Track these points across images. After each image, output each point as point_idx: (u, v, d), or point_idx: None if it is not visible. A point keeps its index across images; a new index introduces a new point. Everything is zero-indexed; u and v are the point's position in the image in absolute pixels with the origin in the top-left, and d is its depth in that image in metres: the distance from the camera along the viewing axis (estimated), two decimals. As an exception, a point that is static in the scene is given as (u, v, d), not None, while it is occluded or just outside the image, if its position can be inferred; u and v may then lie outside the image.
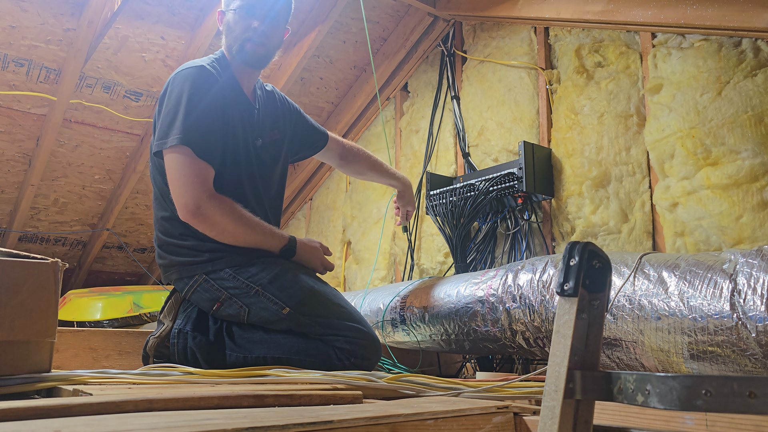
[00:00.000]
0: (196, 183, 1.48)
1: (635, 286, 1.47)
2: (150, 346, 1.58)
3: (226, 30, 1.66)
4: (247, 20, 1.63)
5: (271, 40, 1.66)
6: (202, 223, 1.51)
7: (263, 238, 1.58)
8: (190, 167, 1.49)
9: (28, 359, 0.97)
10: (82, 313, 2.95)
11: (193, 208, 1.48)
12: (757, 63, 1.80)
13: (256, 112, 1.71)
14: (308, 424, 0.61)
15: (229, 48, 1.67)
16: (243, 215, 1.55)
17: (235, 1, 1.64)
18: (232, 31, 1.65)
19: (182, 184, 1.49)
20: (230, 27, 1.65)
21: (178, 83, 1.55)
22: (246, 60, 1.66)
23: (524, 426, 0.81)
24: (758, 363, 1.24)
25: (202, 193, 1.49)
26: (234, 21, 1.64)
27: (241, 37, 1.63)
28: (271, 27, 1.65)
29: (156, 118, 1.59)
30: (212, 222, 1.50)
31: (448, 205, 2.46)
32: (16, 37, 2.54)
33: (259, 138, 1.70)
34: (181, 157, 1.49)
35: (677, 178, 1.92)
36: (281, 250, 1.62)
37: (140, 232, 3.76)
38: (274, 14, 1.65)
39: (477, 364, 2.46)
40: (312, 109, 3.36)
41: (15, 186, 3.22)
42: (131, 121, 3.06)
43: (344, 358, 1.51)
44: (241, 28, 1.63)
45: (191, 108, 1.52)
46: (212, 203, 1.49)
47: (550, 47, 2.49)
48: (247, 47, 1.63)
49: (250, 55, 1.64)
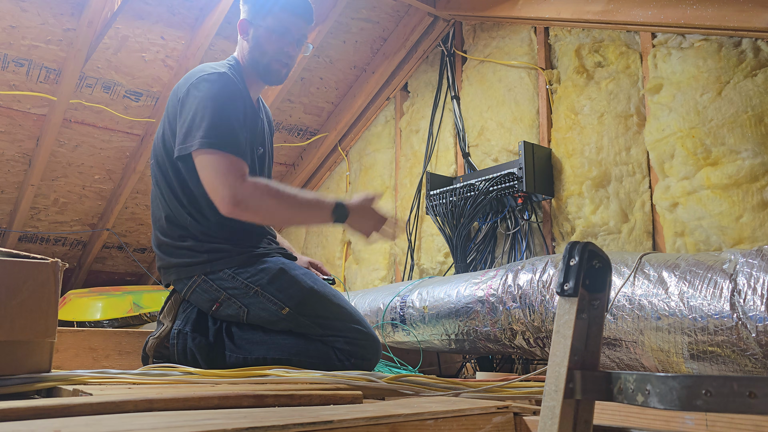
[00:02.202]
0: (230, 174, 1.47)
1: (635, 286, 1.47)
2: (149, 347, 1.58)
3: (254, 45, 1.64)
4: (281, 43, 1.63)
5: (294, 62, 1.70)
6: (245, 211, 1.47)
7: (310, 213, 1.54)
8: (223, 163, 1.48)
9: (28, 359, 0.97)
10: (82, 313, 2.95)
11: (230, 198, 1.46)
12: (757, 63, 1.80)
13: (260, 121, 1.72)
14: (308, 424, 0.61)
15: (253, 62, 1.66)
16: (282, 192, 1.51)
17: (266, 17, 1.63)
18: (262, 49, 1.64)
19: (216, 179, 1.47)
20: (260, 44, 1.64)
21: (204, 87, 1.53)
22: (269, 78, 1.68)
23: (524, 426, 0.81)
24: (758, 363, 1.24)
25: (235, 180, 1.47)
26: (266, 40, 1.63)
27: (273, 58, 1.64)
28: (299, 50, 1.68)
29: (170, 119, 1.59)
30: (254, 207, 1.48)
31: (448, 205, 2.46)
32: (16, 37, 2.54)
33: (260, 147, 1.71)
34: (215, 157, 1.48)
35: (677, 178, 1.92)
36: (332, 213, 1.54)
37: (140, 232, 3.76)
38: (303, 39, 1.67)
39: (477, 364, 2.46)
40: (312, 109, 3.36)
41: (15, 186, 3.22)
42: (131, 121, 3.06)
43: (344, 358, 1.51)
44: (274, 49, 1.63)
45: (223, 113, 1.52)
46: (246, 187, 1.47)
47: (550, 47, 2.49)
48: (274, 67, 1.65)
49: (275, 75, 1.67)
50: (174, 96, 1.60)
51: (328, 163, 3.63)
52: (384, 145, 3.30)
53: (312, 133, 3.51)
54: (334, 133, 3.42)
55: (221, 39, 2.77)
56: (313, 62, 3.08)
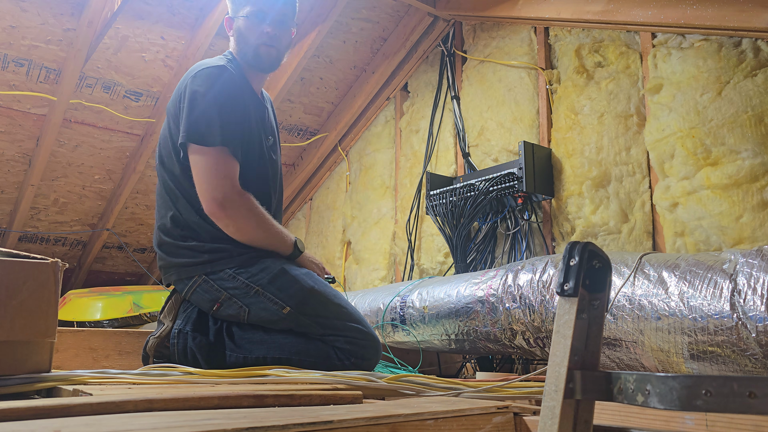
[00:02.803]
0: (227, 179, 1.54)
1: (635, 286, 1.47)
2: (150, 347, 1.58)
3: (238, 36, 1.68)
4: (260, 26, 1.65)
5: (281, 43, 1.70)
6: (226, 218, 1.54)
7: (276, 240, 1.62)
8: (222, 163, 1.54)
9: (28, 359, 0.97)
10: (82, 313, 2.95)
11: (221, 202, 1.52)
12: (757, 63, 1.80)
13: (266, 113, 1.74)
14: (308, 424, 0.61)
15: (242, 54, 1.68)
16: (263, 217, 1.59)
17: (244, 7, 1.66)
18: (244, 38, 1.66)
19: (213, 179, 1.52)
20: (242, 33, 1.66)
21: (202, 80, 1.57)
22: (260, 65, 1.69)
23: (524, 426, 0.81)
24: (758, 363, 1.24)
25: (232, 189, 1.54)
26: (246, 27, 1.66)
27: (255, 43, 1.66)
28: (282, 30, 1.69)
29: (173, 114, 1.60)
30: (235, 219, 1.54)
31: (448, 205, 2.46)
32: (16, 37, 2.54)
33: (270, 137, 1.73)
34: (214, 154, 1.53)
35: (677, 178, 1.92)
36: (289, 255, 1.65)
37: (140, 232, 3.76)
38: (283, 17, 1.68)
39: (477, 364, 2.46)
40: (312, 109, 3.36)
41: (15, 186, 3.22)
42: (131, 121, 3.06)
43: (344, 358, 1.51)
44: (254, 34, 1.65)
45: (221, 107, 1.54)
46: (239, 201, 1.54)
47: (550, 47, 2.49)
48: (261, 51, 1.66)
49: (265, 60, 1.68)
50: (176, 92, 1.63)
51: (328, 163, 3.63)
52: (384, 145, 3.30)
53: (312, 133, 3.51)
54: (334, 133, 3.42)
55: (221, 39, 2.77)
56: (313, 62, 3.08)
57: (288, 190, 3.70)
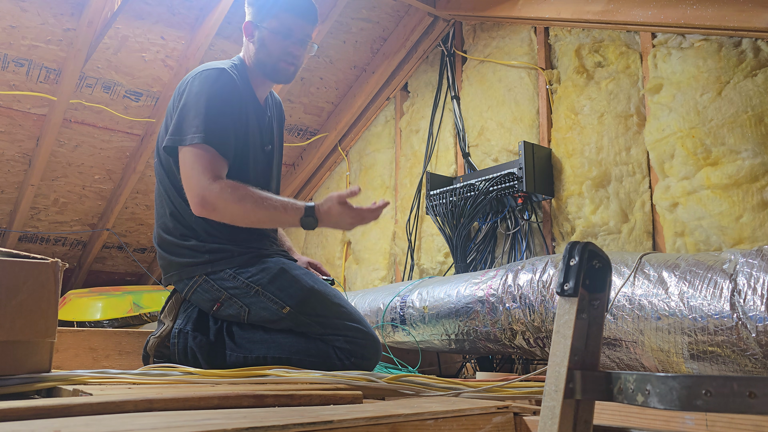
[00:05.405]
0: (204, 173, 1.49)
1: (635, 286, 1.47)
2: (150, 346, 1.58)
3: (260, 46, 1.66)
4: (285, 43, 1.65)
5: (300, 61, 1.71)
6: (211, 212, 1.50)
7: (275, 213, 1.52)
8: (202, 161, 1.50)
9: (28, 359, 0.97)
10: (82, 313, 2.95)
11: (200, 199, 1.48)
12: (757, 63, 1.80)
13: (267, 119, 1.73)
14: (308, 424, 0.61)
15: (260, 64, 1.67)
16: (246, 194, 1.50)
17: (269, 18, 1.64)
18: (267, 50, 1.65)
19: (192, 177, 1.50)
20: (266, 45, 1.65)
21: (199, 83, 1.57)
22: (276, 78, 1.69)
23: (524, 426, 0.81)
24: (758, 363, 1.24)
25: (206, 180, 1.49)
26: (270, 41, 1.65)
27: (278, 58, 1.66)
28: (304, 50, 1.69)
29: (170, 114, 1.61)
30: (216, 208, 1.48)
31: (448, 205, 2.46)
32: (16, 37, 2.54)
33: (269, 144, 1.73)
34: (197, 153, 1.50)
35: (677, 178, 1.92)
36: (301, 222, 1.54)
37: (140, 232, 3.76)
38: (305, 38, 1.68)
39: (477, 364, 2.46)
40: (312, 109, 3.36)
41: (15, 186, 3.22)
42: (131, 121, 3.06)
43: (344, 357, 1.51)
44: (278, 50, 1.65)
45: (211, 108, 1.53)
46: (212, 188, 1.48)
47: (550, 47, 2.49)
48: (281, 66, 1.66)
49: (282, 74, 1.68)
50: (176, 92, 1.63)
51: (328, 163, 3.63)
52: (384, 145, 3.30)
53: (312, 133, 3.51)
54: (334, 133, 3.42)
55: (221, 39, 2.77)
56: (313, 62, 3.08)
57: (288, 190, 3.70)
